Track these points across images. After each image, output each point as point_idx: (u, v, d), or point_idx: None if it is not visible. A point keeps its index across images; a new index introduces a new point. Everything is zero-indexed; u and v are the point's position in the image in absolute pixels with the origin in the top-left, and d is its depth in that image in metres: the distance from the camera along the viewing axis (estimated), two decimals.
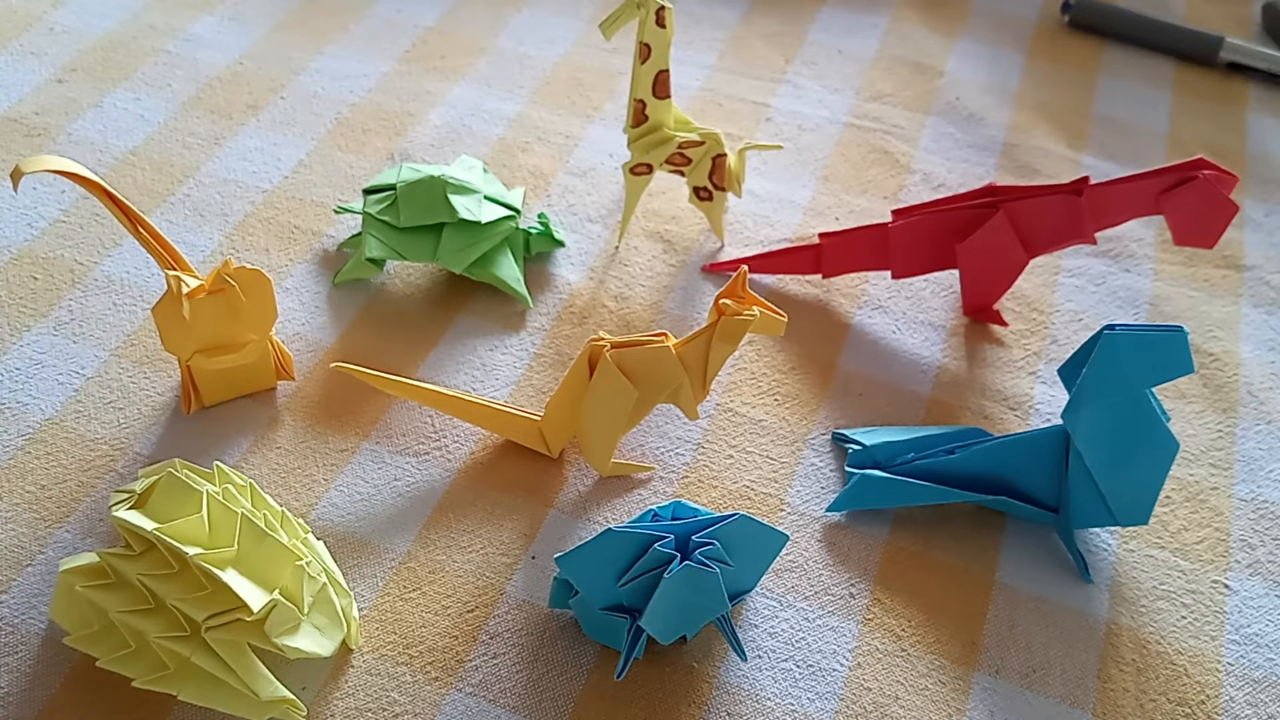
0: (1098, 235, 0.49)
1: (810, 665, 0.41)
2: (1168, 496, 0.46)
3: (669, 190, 0.58)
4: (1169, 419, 0.41)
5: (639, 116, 0.51)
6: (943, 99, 0.65)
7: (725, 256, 0.55)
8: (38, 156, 0.40)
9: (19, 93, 0.61)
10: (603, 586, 0.38)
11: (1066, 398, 0.42)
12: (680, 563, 0.37)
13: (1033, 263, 0.52)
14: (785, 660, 0.41)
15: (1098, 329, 0.41)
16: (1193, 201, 0.47)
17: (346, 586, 0.40)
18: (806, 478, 0.46)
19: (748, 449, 0.47)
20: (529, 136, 0.61)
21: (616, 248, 0.55)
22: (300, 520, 0.40)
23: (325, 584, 0.38)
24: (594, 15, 0.69)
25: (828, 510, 0.45)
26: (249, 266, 0.43)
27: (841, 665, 0.41)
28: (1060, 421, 0.42)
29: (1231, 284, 0.56)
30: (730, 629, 0.40)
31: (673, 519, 0.40)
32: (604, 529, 0.37)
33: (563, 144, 0.60)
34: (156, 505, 0.37)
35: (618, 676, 0.38)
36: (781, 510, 0.45)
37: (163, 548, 0.36)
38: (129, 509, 0.37)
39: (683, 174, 0.53)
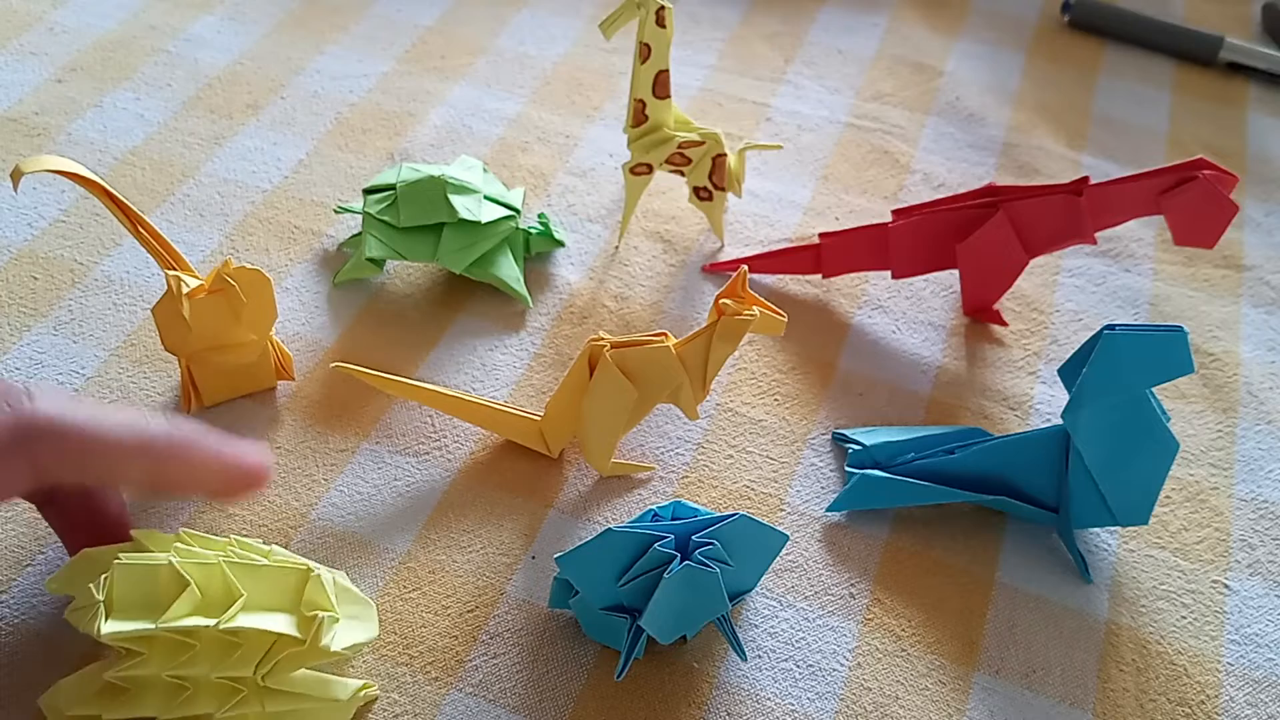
0: (1098, 235, 0.49)
1: (810, 665, 0.41)
2: (1168, 496, 0.46)
3: (669, 190, 0.58)
4: (1169, 419, 0.41)
5: (639, 116, 0.51)
6: (943, 99, 0.65)
7: (725, 256, 0.55)
8: (38, 156, 0.40)
9: (19, 93, 0.61)
10: (603, 586, 0.38)
11: (1066, 398, 0.42)
12: (680, 563, 0.37)
13: (1033, 263, 0.52)
14: (785, 660, 0.41)
15: (1098, 329, 0.41)
16: (1193, 202, 0.47)
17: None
18: (806, 478, 0.46)
19: (748, 449, 0.47)
20: (529, 136, 0.61)
21: (616, 248, 0.55)
22: (252, 540, 0.38)
23: (333, 578, 0.37)
24: (594, 15, 0.69)
25: (828, 510, 0.45)
26: (249, 266, 0.43)
27: (841, 665, 0.41)
28: (1060, 421, 0.42)
29: (1231, 284, 0.56)
30: (730, 629, 0.40)
31: (673, 519, 0.40)
32: (604, 529, 0.37)
33: (563, 144, 0.60)
34: (128, 601, 0.33)
35: (618, 676, 0.38)
36: (781, 510, 0.45)
37: (173, 635, 0.33)
38: (109, 621, 0.33)
39: (683, 174, 0.53)
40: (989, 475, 0.44)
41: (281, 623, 0.33)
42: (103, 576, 0.33)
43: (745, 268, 0.41)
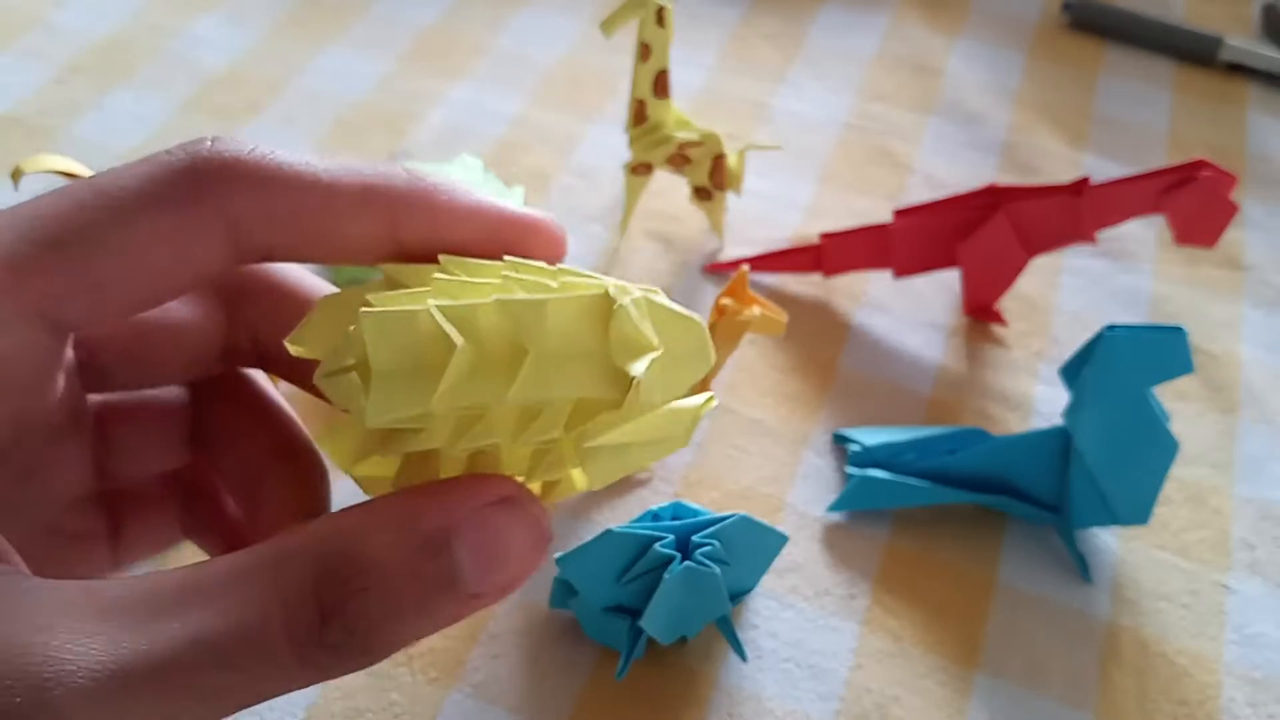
0: (1098, 235, 0.49)
1: (811, 666, 0.41)
2: (1168, 496, 0.46)
3: (669, 190, 0.58)
4: (1169, 419, 0.41)
5: (639, 116, 0.51)
6: (943, 99, 0.65)
7: (725, 256, 0.55)
8: (38, 156, 0.40)
9: (19, 93, 0.61)
10: (603, 586, 0.38)
11: (1066, 398, 0.42)
12: (680, 563, 0.37)
13: (1033, 263, 0.52)
14: (786, 661, 0.41)
15: (1098, 329, 0.41)
16: (1193, 202, 0.47)
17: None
18: (806, 478, 0.46)
19: (748, 449, 0.47)
20: (529, 136, 0.61)
21: (616, 248, 0.55)
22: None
23: (645, 297, 0.24)
24: (595, 15, 0.69)
25: (828, 510, 0.45)
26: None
27: (842, 666, 0.41)
28: (1060, 421, 0.42)
29: (1232, 284, 0.56)
30: (731, 629, 0.40)
31: (673, 519, 0.40)
32: (604, 529, 0.37)
33: (563, 144, 0.60)
34: (389, 363, 0.23)
35: (618, 677, 0.38)
36: (781, 510, 0.45)
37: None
38: (373, 399, 0.22)
39: (683, 174, 0.53)
40: (989, 475, 0.44)
41: (585, 384, 0.23)
42: (351, 328, 0.24)
43: (745, 268, 0.41)
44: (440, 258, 0.25)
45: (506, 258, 0.25)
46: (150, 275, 0.23)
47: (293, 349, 0.25)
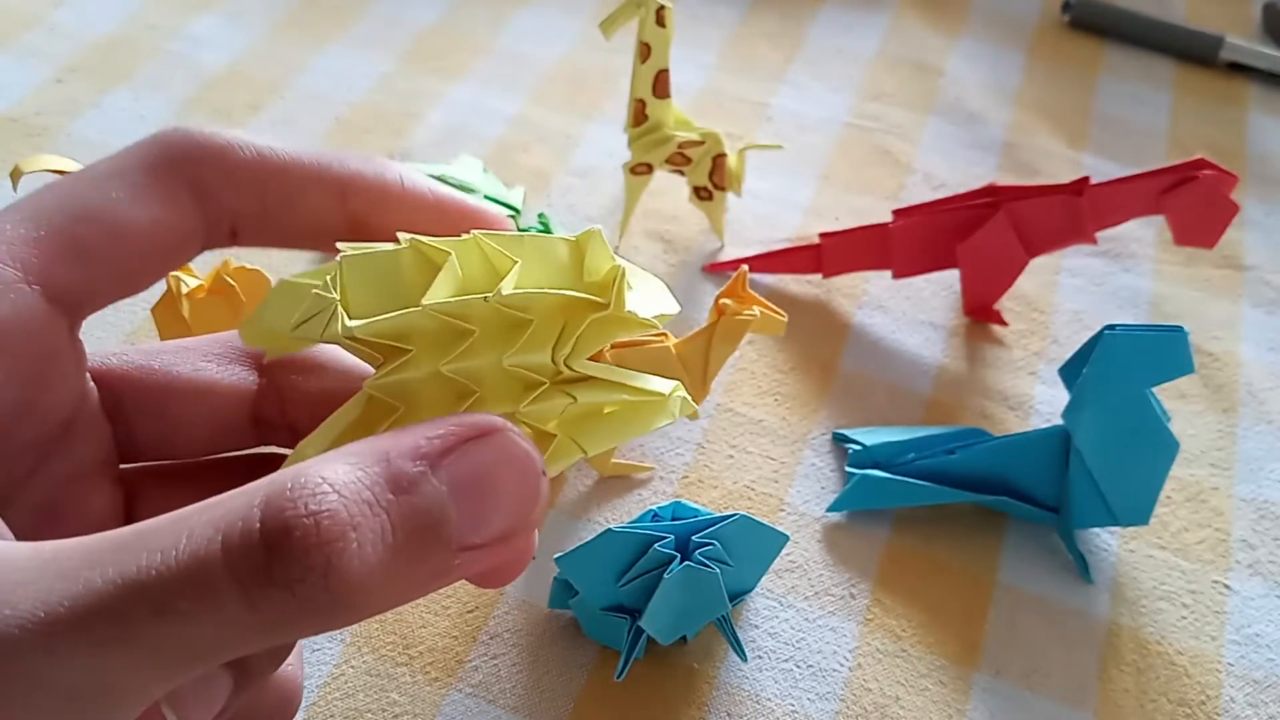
0: (1098, 235, 0.49)
1: (810, 665, 0.41)
2: (1168, 496, 0.46)
3: (669, 190, 0.58)
4: (1169, 419, 0.41)
5: (639, 116, 0.51)
6: (943, 99, 0.65)
7: (725, 256, 0.55)
8: (37, 156, 0.40)
9: (19, 93, 0.61)
10: (603, 586, 0.38)
11: (1066, 398, 0.42)
12: (680, 563, 0.37)
13: (1033, 263, 0.52)
14: (786, 661, 0.41)
15: (1098, 329, 0.41)
16: (1193, 202, 0.47)
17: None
18: (806, 478, 0.46)
19: (748, 449, 0.47)
20: (529, 136, 0.61)
21: (616, 248, 0.55)
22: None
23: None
24: (594, 15, 0.69)
25: (828, 510, 0.45)
26: (249, 267, 0.43)
27: (842, 666, 0.41)
28: (1060, 421, 0.42)
29: (1231, 284, 0.56)
30: (730, 629, 0.40)
31: (673, 519, 0.40)
32: (604, 529, 0.37)
33: (563, 144, 0.60)
34: (368, 298, 0.23)
35: (618, 677, 0.38)
36: (781, 510, 0.45)
37: (442, 318, 0.23)
38: (352, 322, 0.22)
39: (683, 174, 0.53)
40: (989, 475, 0.44)
41: (569, 287, 0.24)
42: (328, 278, 0.23)
43: (745, 268, 0.41)
44: (399, 236, 0.24)
45: (474, 231, 0.25)
46: (130, 241, 0.25)
47: (246, 335, 0.26)
